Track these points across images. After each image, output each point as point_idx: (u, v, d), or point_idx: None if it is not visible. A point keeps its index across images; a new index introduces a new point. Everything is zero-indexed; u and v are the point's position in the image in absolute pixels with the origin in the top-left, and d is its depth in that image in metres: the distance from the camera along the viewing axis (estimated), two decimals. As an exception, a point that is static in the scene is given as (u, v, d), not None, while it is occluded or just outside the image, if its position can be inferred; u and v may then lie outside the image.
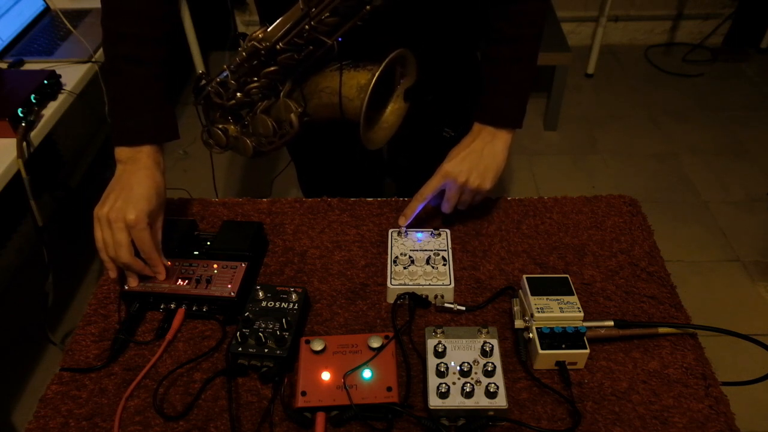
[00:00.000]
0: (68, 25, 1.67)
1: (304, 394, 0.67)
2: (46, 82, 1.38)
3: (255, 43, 0.80)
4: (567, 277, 0.77)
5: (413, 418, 0.67)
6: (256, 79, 0.83)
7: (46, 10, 1.77)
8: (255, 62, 0.81)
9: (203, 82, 0.88)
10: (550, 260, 0.87)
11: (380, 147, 0.90)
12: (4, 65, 1.52)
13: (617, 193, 0.99)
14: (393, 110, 0.88)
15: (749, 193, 2.31)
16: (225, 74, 0.85)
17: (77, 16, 1.74)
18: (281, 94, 0.84)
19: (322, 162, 1.18)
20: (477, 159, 0.87)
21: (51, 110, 1.38)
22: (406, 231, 0.87)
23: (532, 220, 0.94)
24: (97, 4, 0.81)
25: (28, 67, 1.53)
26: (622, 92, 2.90)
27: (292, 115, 0.83)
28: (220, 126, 0.89)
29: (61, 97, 1.41)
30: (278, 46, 0.78)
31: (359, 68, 0.81)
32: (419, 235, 0.87)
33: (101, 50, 1.60)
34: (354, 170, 1.18)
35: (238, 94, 0.85)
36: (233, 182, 2.44)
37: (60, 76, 1.44)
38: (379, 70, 0.79)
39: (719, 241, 2.12)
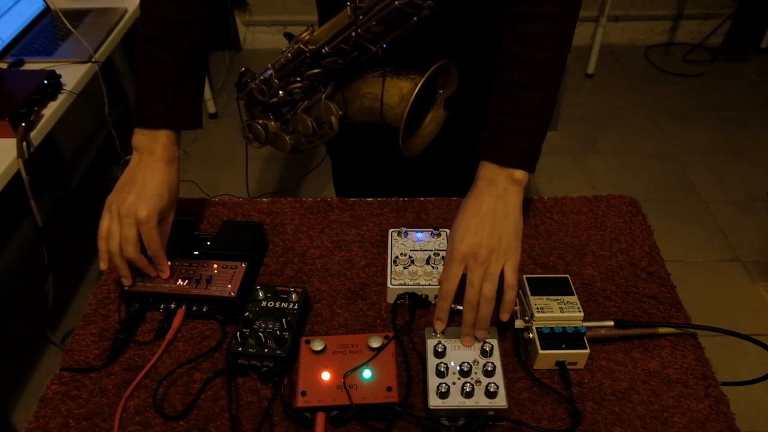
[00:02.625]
0: (68, 25, 1.67)
1: (304, 394, 0.67)
2: (46, 82, 1.38)
3: (301, 45, 0.81)
4: (567, 277, 0.77)
5: (413, 418, 0.67)
6: (299, 79, 0.84)
7: (46, 10, 1.77)
8: (299, 63, 0.82)
9: (246, 78, 0.89)
10: (550, 260, 0.87)
11: (417, 154, 0.89)
12: (4, 65, 1.52)
13: (617, 193, 0.99)
14: (432, 118, 0.88)
15: (749, 193, 2.31)
16: (269, 72, 0.86)
17: (77, 16, 1.74)
18: (323, 95, 0.85)
19: (359, 160, 1.18)
20: (491, 225, 0.71)
21: (51, 110, 1.38)
22: (406, 231, 0.87)
23: (532, 220, 0.94)
24: (98, 4, 0.81)
25: (28, 67, 1.53)
26: (622, 92, 2.90)
27: (333, 118, 0.84)
28: (260, 122, 0.91)
29: (61, 97, 1.41)
30: (324, 50, 0.79)
31: (402, 76, 0.82)
32: (419, 235, 0.87)
33: (101, 50, 1.60)
34: (391, 170, 1.17)
35: (281, 92, 0.86)
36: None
37: (60, 76, 1.44)
38: (422, 80, 0.79)
39: (719, 241, 2.12)
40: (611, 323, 0.75)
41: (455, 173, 1.09)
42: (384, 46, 0.78)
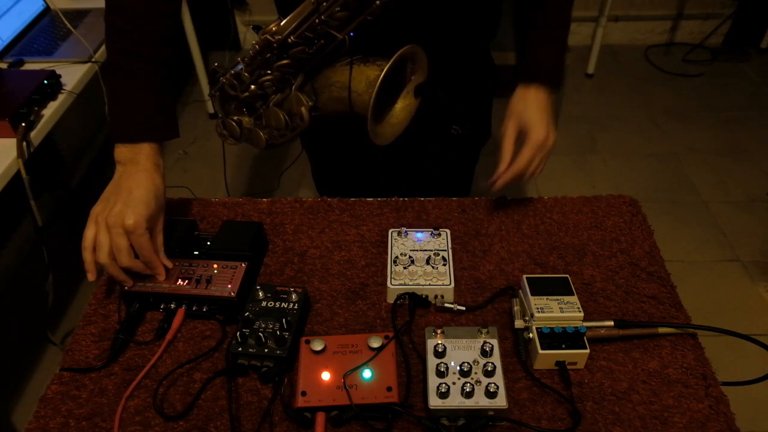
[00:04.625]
0: (68, 25, 1.67)
1: (304, 394, 0.67)
2: (46, 82, 1.38)
3: (268, 36, 0.80)
4: (567, 277, 0.77)
5: (413, 418, 0.67)
6: (269, 71, 0.84)
7: (46, 10, 1.77)
8: (268, 55, 0.82)
9: (218, 74, 0.88)
10: (550, 260, 0.87)
11: (388, 143, 0.89)
12: (4, 65, 1.52)
13: (617, 193, 0.99)
14: (403, 106, 0.89)
15: (749, 193, 2.31)
16: (239, 67, 0.86)
17: (77, 16, 1.74)
18: (293, 87, 0.84)
19: (335, 154, 1.18)
20: (552, 115, 0.92)
21: (51, 110, 1.38)
22: (406, 231, 0.87)
23: (532, 220, 0.94)
24: (98, 4, 0.81)
25: (28, 67, 1.53)
26: (622, 92, 2.90)
27: (303, 109, 0.84)
28: (235, 118, 0.90)
29: (61, 97, 1.41)
30: (290, 40, 0.79)
31: (369, 63, 0.82)
32: (419, 235, 0.87)
33: (101, 50, 1.60)
34: (367, 163, 1.18)
35: (252, 86, 0.85)
36: (239, 178, 2.44)
37: (60, 76, 1.44)
38: (388, 65, 0.79)
39: (719, 241, 2.12)
40: (611, 323, 0.75)
41: (431, 164, 1.10)
42: (351, 34, 0.78)
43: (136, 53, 0.80)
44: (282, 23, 0.80)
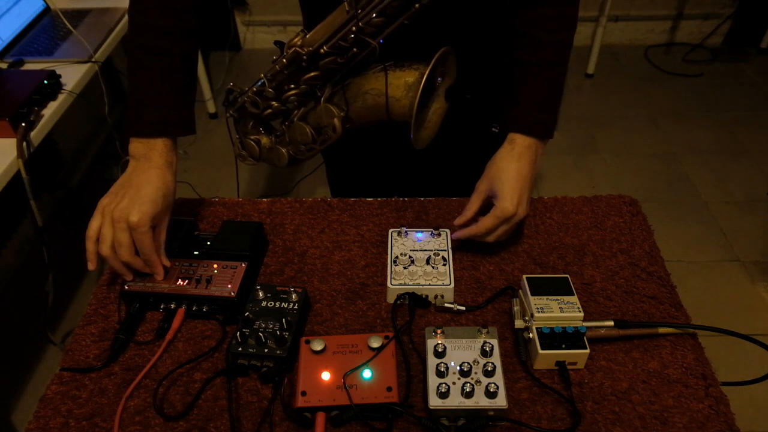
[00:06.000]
0: (68, 25, 1.68)
1: (304, 394, 0.67)
2: (46, 82, 1.38)
3: (297, 49, 0.79)
4: (567, 277, 0.77)
5: (413, 418, 0.67)
6: (294, 86, 0.82)
7: (46, 10, 1.77)
8: (295, 69, 0.81)
9: (234, 94, 0.87)
10: (550, 260, 0.87)
11: (425, 146, 0.88)
12: (4, 65, 1.52)
13: (617, 193, 0.99)
14: (435, 110, 0.87)
15: (749, 193, 2.31)
16: (261, 83, 0.84)
17: (77, 16, 1.74)
18: (322, 99, 0.83)
19: (354, 161, 1.17)
20: (527, 187, 0.82)
21: (51, 110, 1.38)
22: (406, 231, 0.87)
23: (532, 220, 0.94)
24: (98, 4, 0.81)
25: (28, 67, 1.53)
26: (622, 92, 2.90)
27: (335, 120, 0.82)
28: (253, 137, 0.89)
29: (61, 97, 1.42)
30: (322, 50, 0.77)
31: (404, 68, 0.81)
32: (419, 235, 0.87)
33: (101, 50, 1.61)
34: (385, 170, 1.18)
35: (275, 102, 0.84)
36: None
37: (60, 76, 1.44)
38: (429, 67, 0.78)
39: (719, 241, 2.12)
40: (611, 323, 0.75)
41: (451, 170, 1.09)
42: (381, 41, 0.77)
43: (154, 48, 0.80)
44: (308, 35, 0.79)
